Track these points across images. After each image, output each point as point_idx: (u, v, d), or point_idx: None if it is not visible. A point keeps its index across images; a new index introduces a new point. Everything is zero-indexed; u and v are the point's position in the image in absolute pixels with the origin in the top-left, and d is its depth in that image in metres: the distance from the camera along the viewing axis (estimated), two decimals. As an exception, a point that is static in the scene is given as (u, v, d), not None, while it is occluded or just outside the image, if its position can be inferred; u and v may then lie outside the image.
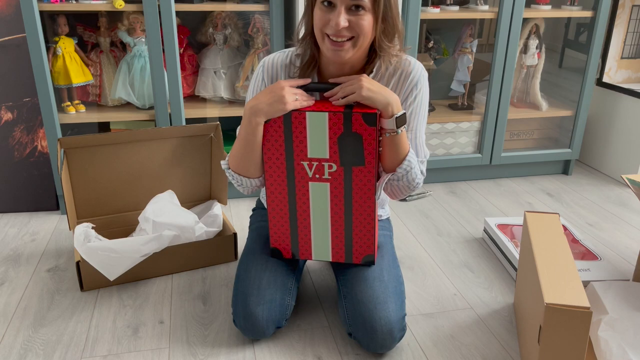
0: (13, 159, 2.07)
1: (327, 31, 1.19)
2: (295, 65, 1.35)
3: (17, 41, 1.97)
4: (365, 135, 1.22)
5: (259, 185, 1.36)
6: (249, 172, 1.32)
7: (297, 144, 1.26)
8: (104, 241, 1.56)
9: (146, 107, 2.12)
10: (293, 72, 1.35)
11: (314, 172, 1.29)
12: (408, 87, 1.33)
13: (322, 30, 1.20)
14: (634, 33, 2.50)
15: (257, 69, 1.39)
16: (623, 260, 1.83)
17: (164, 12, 1.89)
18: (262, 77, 1.37)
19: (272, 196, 1.34)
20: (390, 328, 1.29)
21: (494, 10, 2.23)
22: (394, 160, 1.27)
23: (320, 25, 1.20)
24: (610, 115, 2.56)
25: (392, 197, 1.39)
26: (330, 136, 1.24)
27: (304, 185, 1.31)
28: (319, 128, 1.23)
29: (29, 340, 1.41)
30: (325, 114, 1.22)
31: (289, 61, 1.36)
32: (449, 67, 2.57)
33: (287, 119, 1.23)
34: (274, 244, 1.41)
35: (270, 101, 1.21)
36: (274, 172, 1.31)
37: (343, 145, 1.24)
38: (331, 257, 1.40)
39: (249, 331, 1.36)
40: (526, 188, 2.43)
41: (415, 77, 1.32)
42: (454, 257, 1.84)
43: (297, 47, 1.34)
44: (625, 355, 1.23)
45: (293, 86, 1.24)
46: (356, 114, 1.20)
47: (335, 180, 1.29)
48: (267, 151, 1.29)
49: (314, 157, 1.27)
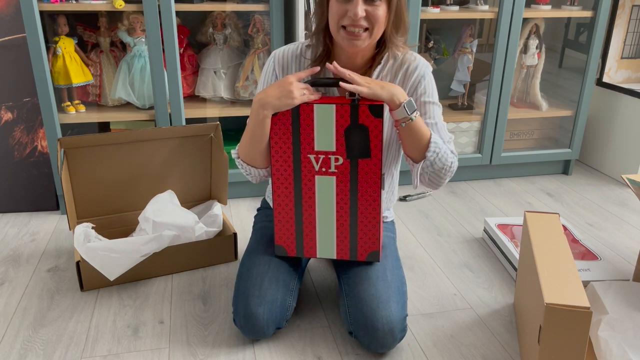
0: (13, 159, 2.07)
1: (344, 22, 1.22)
2: (305, 57, 1.37)
3: (17, 41, 1.97)
4: (371, 127, 1.24)
5: (266, 175, 1.39)
6: (256, 162, 1.35)
7: (304, 136, 1.28)
8: (104, 241, 1.56)
9: (146, 107, 2.12)
10: (304, 63, 1.37)
11: (321, 166, 1.31)
12: (415, 80, 1.36)
13: (339, 22, 1.23)
14: (634, 33, 2.50)
15: (267, 61, 1.41)
16: (623, 260, 1.83)
17: (164, 12, 1.89)
18: (273, 69, 1.39)
19: (279, 191, 1.35)
20: (392, 327, 1.29)
21: (494, 10, 2.23)
22: (419, 146, 1.29)
23: (338, 16, 1.23)
24: (610, 115, 2.56)
25: (434, 187, 1.40)
26: (337, 128, 1.26)
27: (310, 179, 1.32)
28: (326, 120, 1.26)
29: (29, 340, 1.41)
30: (332, 106, 1.24)
31: (299, 52, 1.38)
32: (449, 67, 2.57)
33: (295, 112, 1.26)
34: (279, 240, 1.41)
35: (279, 95, 1.23)
36: (280, 165, 1.32)
37: (350, 138, 1.26)
38: (336, 254, 1.40)
39: (249, 331, 1.36)
40: (526, 188, 2.43)
41: (421, 71, 1.36)
42: (454, 257, 1.84)
43: (309, 39, 1.36)
44: (625, 355, 1.23)
45: (301, 79, 1.26)
46: (363, 105, 1.23)
47: (341, 174, 1.30)
48: (275, 144, 1.30)
49: (321, 150, 1.29)
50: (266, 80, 1.41)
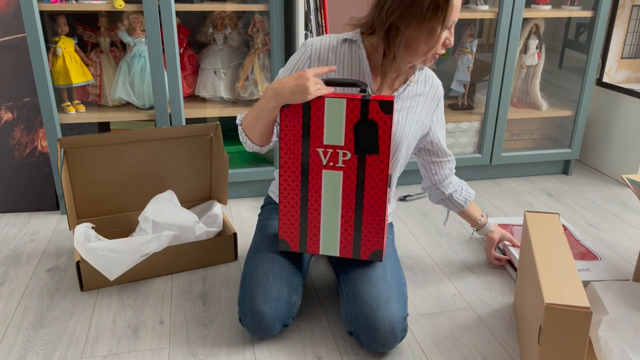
0: (13, 159, 2.07)
1: (440, 51, 1.31)
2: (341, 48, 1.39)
3: (17, 41, 1.98)
4: (380, 123, 1.26)
5: (258, 150, 1.43)
6: (254, 137, 1.38)
7: (314, 129, 1.29)
8: (104, 241, 1.56)
9: (146, 107, 2.12)
10: (342, 55, 1.39)
11: (328, 160, 1.31)
12: (436, 96, 1.50)
13: (436, 50, 1.29)
14: (634, 33, 2.50)
15: (301, 47, 1.41)
16: (623, 260, 1.83)
17: (164, 12, 1.89)
18: (309, 57, 1.39)
19: (285, 184, 1.36)
20: (393, 327, 1.29)
21: (494, 10, 2.23)
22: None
23: (439, 44, 1.28)
24: (610, 115, 2.56)
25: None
26: (347, 123, 1.27)
27: (317, 174, 1.33)
28: (336, 114, 1.27)
29: (29, 340, 1.41)
30: (343, 100, 1.26)
31: (335, 43, 1.40)
32: (449, 67, 2.57)
33: (307, 105, 1.28)
34: (283, 235, 1.41)
35: (294, 89, 1.24)
36: (289, 158, 1.33)
37: (359, 133, 1.28)
38: (339, 251, 1.40)
39: (256, 330, 1.36)
40: (526, 188, 2.43)
41: (440, 88, 1.51)
42: (454, 257, 1.84)
43: (353, 34, 1.38)
44: (625, 355, 1.23)
45: (318, 75, 1.28)
46: (373, 101, 1.25)
47: (348, 169, 1.31)
48: (285, 137, 1.31)
49: (330, 144, 1.30)
50: (298, 66, 1.40)
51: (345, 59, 1.38)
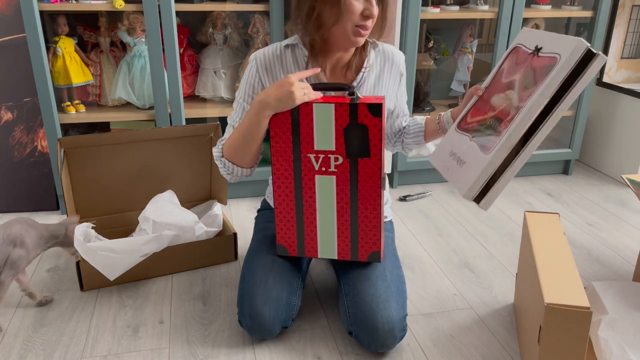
0: (13, 159, 2.07)
1: (362, 22, 1.27)
2: (285, 55, 1.39)
3: (17, 41, 1.98)
4: (370, 127, 1.25)
5: (248, 174, 1.41)
6: (244, 161, 1.36)
7: (304, 136, 1.28)
8: (104, 241, 1.56)
9: (146, 107, 2.12)
10: (286, 62, 1.39)
11: (320, 165, 1.31)
12: (398, 71, 1.49)
13: (355, 21, 1.26)
14: (634, 33, 2.50)
15: (248, 64, 1.41)
16: (623, 260, 1.83)
17: (164, 12, 1.89)
18: (257, 70, 1.39)
19: (279, 191, 1.35)
20: (392, 327, 1.29)
21: (494, 10, 2.23)
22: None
23: (358, 15, 1.26)
24: (610, 115, 2.56)
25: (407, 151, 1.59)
26: (337, 128, 1.26)
27: (310, 179, 1.32)
28: (325, 120, 1.26)
29: (29, 340, 1.41)
30: (331, 106, 1.25)
31: (279, 52, 1.39)
32: (449, 67, 2.57)
33: (295, 111, 1.27)
34: (280, 240, 1.41)
35: (280, 97, 1.23)
36: (281, 165, 1.32)
37: (349, 137, 1.27)
38: (337, 254, 1.40)
39: (256, 331, 1.36)
40: (526, 188, 2.43)
41: (402, 62, 1.50)
42: (454, 257, 1.84)
43: (290, 39, 1.39)
44: (625, 355, 1.23)
45: (301, 79, 1.27)
46: (362, 104, 1.24)
47: (341, 173, 1.31)
48: (275, 144, 1.30)
49: (321, 150, 1.29)
50: (249, 83, 1.40)
51: (290, 64, 1.39)
